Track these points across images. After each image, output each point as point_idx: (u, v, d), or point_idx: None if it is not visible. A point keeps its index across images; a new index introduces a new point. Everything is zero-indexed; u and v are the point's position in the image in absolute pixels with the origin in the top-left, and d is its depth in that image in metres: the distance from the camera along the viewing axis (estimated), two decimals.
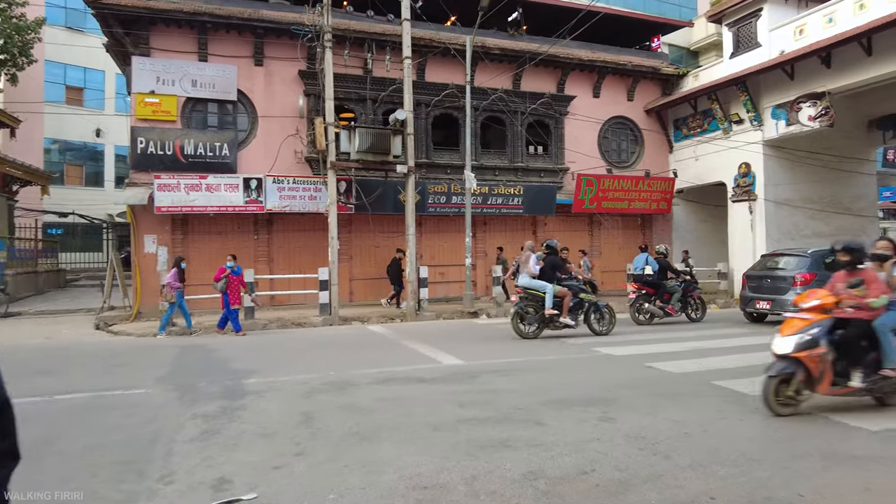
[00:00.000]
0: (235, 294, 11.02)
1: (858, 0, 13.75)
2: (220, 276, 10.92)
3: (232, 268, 11.08)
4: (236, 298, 11.02)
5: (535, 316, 9.86)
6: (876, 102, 16.35)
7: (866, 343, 5.09)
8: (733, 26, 16.88)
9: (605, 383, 6.39)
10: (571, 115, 17.74)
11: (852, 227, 17.59)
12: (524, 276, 10.11)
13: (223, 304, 11.00)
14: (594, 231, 18.41)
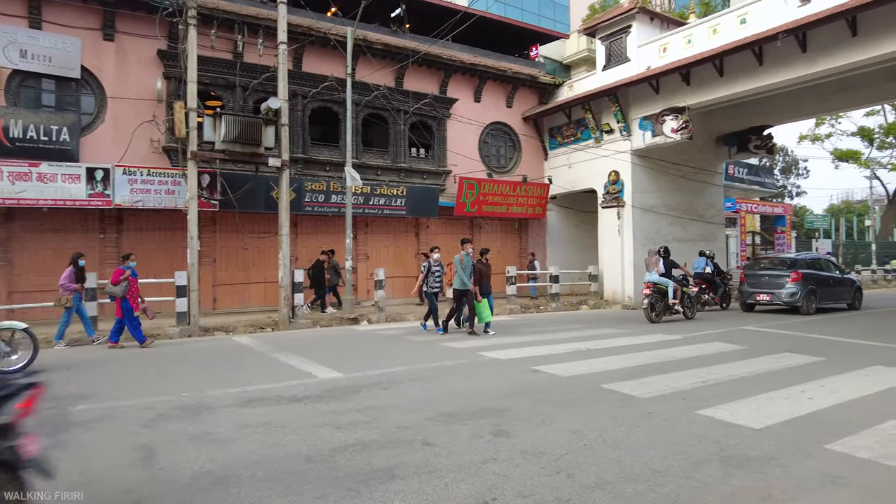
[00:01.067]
0: (136, 300, 9.56)
1: (712, 25, 14.97)
2: (119, 278, 9.39)
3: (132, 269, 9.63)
4: (138, 304, 9.57)
5: (661, 305, 12.69)
6: (724, 120, 17.99)
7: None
8: (606, 40, 17.72)
9: (494, 391, 6.03)
10: (454, 117, 17.60)
11: (704, 232, 19.23)
12: (653, 273, 12.83)
13: (120, 311, 9.43)
14: (475, 234, 18.38)
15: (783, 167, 46.53)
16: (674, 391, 6.00)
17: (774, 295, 14.40)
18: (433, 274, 11.12)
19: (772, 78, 13.94)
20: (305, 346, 9.53)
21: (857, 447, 4.21)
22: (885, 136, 33.17)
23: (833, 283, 15.61)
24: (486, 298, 10.76)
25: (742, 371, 7.01)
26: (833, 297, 15.56)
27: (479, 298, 10.67)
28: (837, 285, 15.77)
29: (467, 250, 10.84)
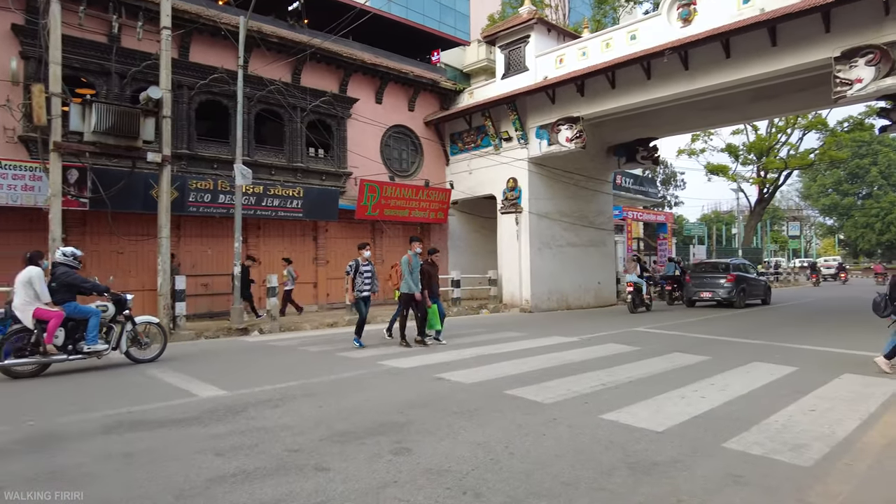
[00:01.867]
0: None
1: (605, 39, 15.65)
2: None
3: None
4: None
5: (638, 299, 16.08)
6: (615, 131, 18.91)
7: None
8: (505, 49, 18.03)
9: (395, 403, 5.67)
10: (355, 118, 17.05)
11: (595, 238, 20.09)
12: (633, 275, 16.22)
13: None
14: (377, 238, 17.94)
15: (663, 178, 50.24)
16: (576, 395, 5.97)
17: (714, 293, 17.76)
18: (361, 275, 9.71)
19: (658, 92, 14.77)
20: (185, 360, 8.62)
21: (750, 444, 4.32)
22: (747, 153, 36.69)
23: (753, 283, 19.07)
24: (435, 304, 9.89)
25: (639, 372, 7.17)
26: (753, 294, 19.02)
27: (429, 303, 9.74)
28: (756, 285, 19.34)
29: (415, 249, 9.78)
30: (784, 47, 12.43)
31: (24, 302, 7.15)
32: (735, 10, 12.95)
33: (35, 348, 7.17)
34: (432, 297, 9.84)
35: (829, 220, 68.69)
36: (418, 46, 20.22)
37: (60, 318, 7.30)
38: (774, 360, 7.94)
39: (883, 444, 4.34)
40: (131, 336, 8.15)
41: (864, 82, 11.44)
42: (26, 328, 7.14)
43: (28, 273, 7.25)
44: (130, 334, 8.14)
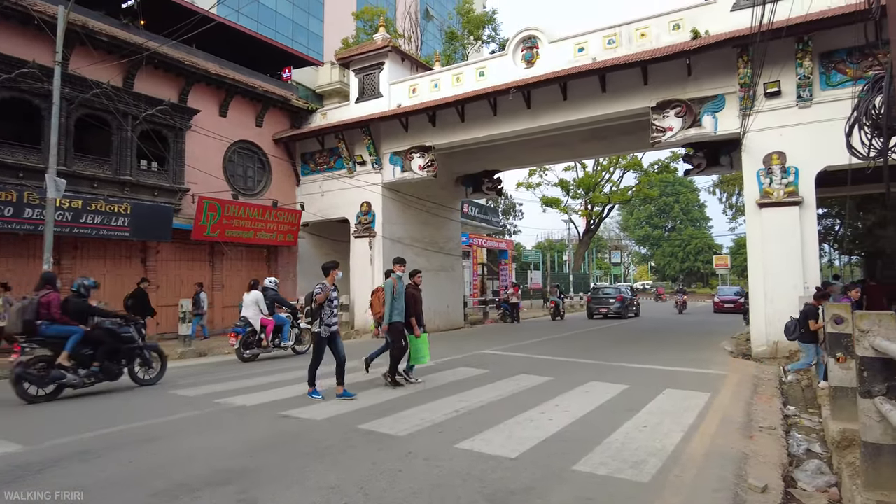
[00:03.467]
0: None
1: (456, 73, 16.31)
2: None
3: None
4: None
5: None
6: (463, 162, 19.66)
7: None
8: (359, 73, 17.97)
9: (239, 447, 5.14)
10: (196, 130, 15.72)
11: (445, 263, 20.59)
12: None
13: None
14: (216, 262, 16.60)
15: (504, 208, 53.57)
16: (430, 424, 5.90)
17: (609, 308, 24.77)
18: (331, 304, 7.48)
19: (503, 128, 15.66)
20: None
21: (596, 464, 4.54)
22: (577, 188, 40.47)
23: (630, 302, 26.02)
24: (424, 334, 8.63)
25: (489, 396, 7.32)
26: (631, 309, 26.13)
27: (418, 333, 8.47)
28: (633, 303, 26.76)
29: (400, 272, 8.37)
30: (612, 94, 13.90)
31: (254, 313, 11.29)
32: (572, 57, 14.24)
33: (258, 343, 11.47)
34: (420, 325, 8.58)
35: (643, 249, 78.10)
36: (269, 62, 19.40)
37: (273, 324, 11.59)
38: (609, 379, 8.60)
39: (703, 455, 4.82)
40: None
41: (674, 130, 13.16)
42: (255, 330, 11.35)
43: (255, 295, 11.53)
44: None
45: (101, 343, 7.86)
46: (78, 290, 8.00)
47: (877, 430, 3.44)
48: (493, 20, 29.72)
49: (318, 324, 7.38)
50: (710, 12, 12.64)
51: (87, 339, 7.70)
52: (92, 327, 7.88)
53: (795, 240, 11.37)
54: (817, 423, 6.23)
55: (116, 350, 8.03)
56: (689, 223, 71.74)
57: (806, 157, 11.48)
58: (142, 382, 8.45)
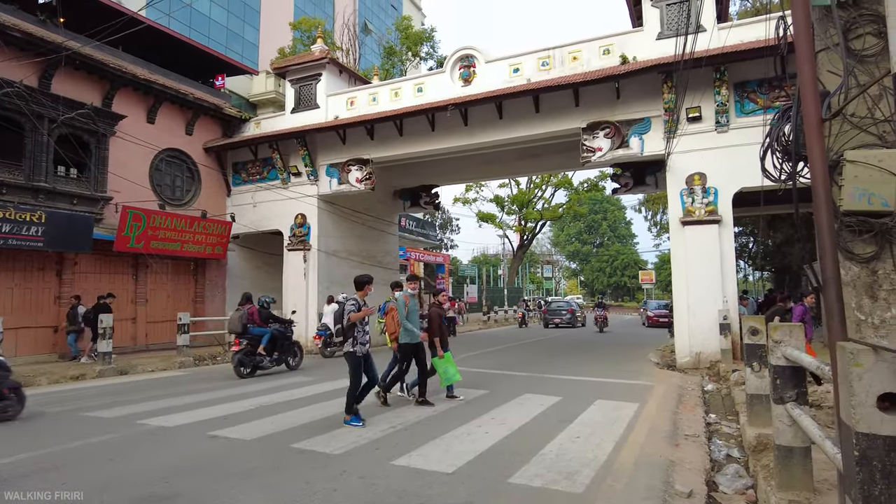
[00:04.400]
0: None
1: (395, 88, 16.37)
2: None
3: None
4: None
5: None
6: (402, 176, 19.68)
7: None
8: (296, 84, 17.69)
9: (160, 471, 4.86)
10: (120, 136, 14.90)
11: (382, 277, 20.40)
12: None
13: None
14: (140, 275, 15.74)
15: (441, 223, 53.95)
16: (367, 441, 5.81)
17: (562, 319, 28.80)
18: (361, 321, 6.82)
19: (441, 143, 15.82)
20: None
21: (531, 476, 4.61)
22: (511, 204, 41.37)
23: (579, 313, 30.21)
24: (447, 353, 8.21)
25: (426, 412, 7.30)
26: (577, 321, 29.54)
27: (441, 353, 8.08)
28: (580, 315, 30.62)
29: (413, 289, 8.21)
30: (545, 115, 14.34)
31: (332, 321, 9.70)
32: (507, 77, 14.62)
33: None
34: (443, 345, 8.20)
35: (573, 264, 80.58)
36: (201, 69, 18.77)
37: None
38: (543, 391, 8.77)
39: (633, 464, 4.99)
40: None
41: (603, 150, 13.72)
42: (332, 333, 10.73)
43: (333, 306, 12.10)
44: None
45: (277, 340, 11.51)
46: (262, 304, 11.43)
47: (788, 433, 3.68)
48: (431, 37, 30.09)
49: (352, 343, 6.72)
50: (637, 40, 13.33)
51: (272, 337, 11.27)
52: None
53: (715, 256, 12.07)
54: (735, 429, 6.59)
55: (284, 344, 11.71)
56: (617, 240, 74.78)
57: (724, 179, 12.25)
58: (290, 367, 11.95)
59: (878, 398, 1.85)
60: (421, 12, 49.42)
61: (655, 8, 13.21)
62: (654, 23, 13.19)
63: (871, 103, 3.05)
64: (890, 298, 3.04)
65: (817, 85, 2.81)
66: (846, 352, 1.92)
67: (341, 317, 6.80)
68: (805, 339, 7.05)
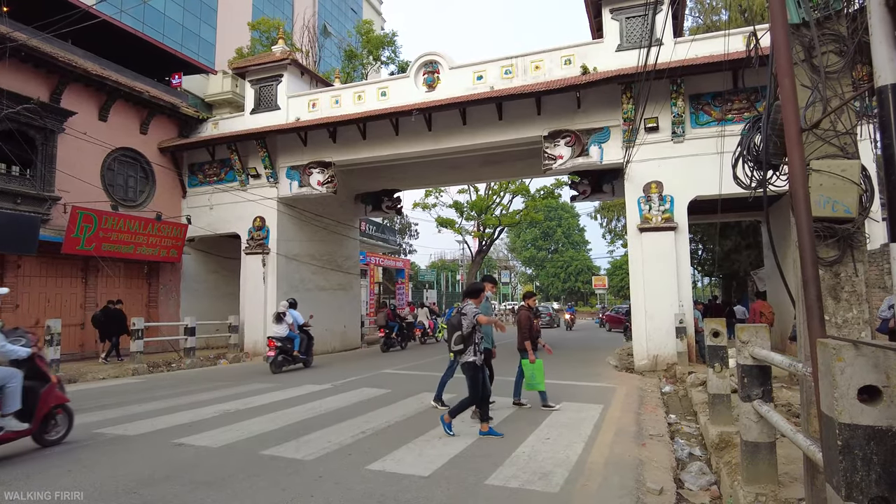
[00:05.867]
0: None
1: (358, 91, 16.28)
2: None
3: None
4: None
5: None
6: (364, 180, 19.57)
7: None
8: (256, 84, 17.36)
9: (124, 481, 4.67)
10: (70, 133, 14.26)
11: (343, 282, 20.23)
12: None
13: None
14: (90, 278, 15.08)
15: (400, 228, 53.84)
16: (338, 447, 5.75)
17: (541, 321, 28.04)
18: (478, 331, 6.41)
19: (405, 148, 15.81)
20: None
21: (507, 478, 4.66)
22: (470, 210, 41.67)
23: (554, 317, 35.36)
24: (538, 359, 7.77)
25: (396, 415, 7.28)
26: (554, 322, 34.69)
27: (532, 357, 7.62)
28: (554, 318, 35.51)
29: (491, 291, 7.62)
30: (508, 122, 14.55)
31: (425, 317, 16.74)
32: (471, 84, 14.77)
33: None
34: (535, 349, 7.79)
35: (529, 270, 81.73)
36: (156, 66, 18.20)
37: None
38: (508, 394, 8.85)
39: (603, 463, 5.12)
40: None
41: (564, 158, 14.02)
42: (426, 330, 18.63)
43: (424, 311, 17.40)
44: None
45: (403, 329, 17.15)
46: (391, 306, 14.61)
47: (755, 430, 3.86)
48: (392, 42, 30.08)
49: (472, 351, 6.29)
50: (598, 51, 13.71)
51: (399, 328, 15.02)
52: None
53: (671, 262, 12.49)
54: (695, 428, 6.84)
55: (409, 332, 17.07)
56: (571, 246, 76.31)
57: (680, 187, 12.71)
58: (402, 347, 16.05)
59: (859, 391, 1.98)
60: (381, 17, 49.36)
61: (615, 21, 13.62)
62: (614, 35, 13.60)
63: (833, 117, 3.26)
64: (851, 300, 3.24)
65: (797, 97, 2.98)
66: (828, 347, 2.05)
67: (459, 324, 6.31)
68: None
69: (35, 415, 5.66)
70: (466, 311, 6.36)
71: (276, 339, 12.75)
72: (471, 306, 6.42)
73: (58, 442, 5.97)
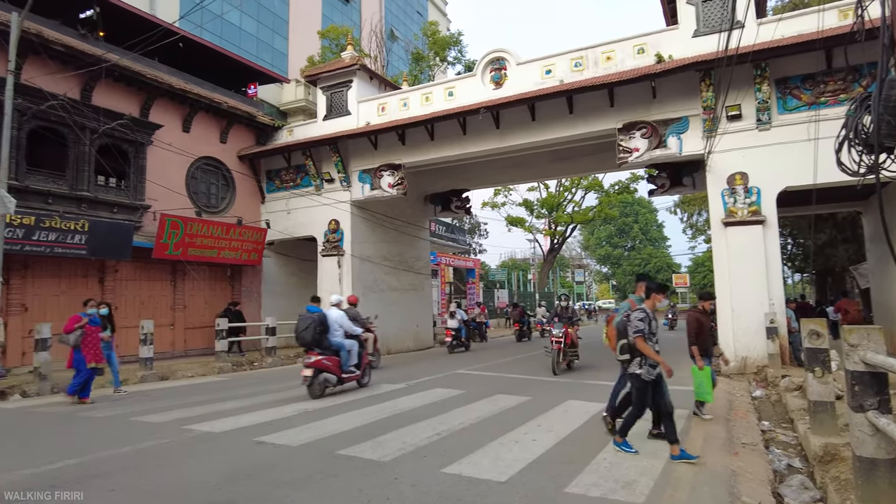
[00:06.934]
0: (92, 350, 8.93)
1: (425, 93, 16.35)
2: (74, 325, 8.83)
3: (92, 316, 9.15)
4: (94, 355, 8.94)
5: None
6: (432, 181, 19.65)
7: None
8: (327, 91, 17.83)
9: (211, 478, 4.83)
10: (157, 145, 15.20)
11: (414, 282, 20.42)
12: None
13: (72, 362, 8.79)
14: (178, 281, 16.00)
15: (470, 228, 53.84)
16: (413, 448, 5.72)
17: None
18: (651, 336, 5.59)
19: (472, 147, 15.73)
20: None
21: (588, 486, 4.46)
22: (541, 208, 41.02)
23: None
24: (707, 366, 6.98)
25: (469, 418, 7.18)
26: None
27: (701, 364, 6.89)
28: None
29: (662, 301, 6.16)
30: (579, 116, 14.15)
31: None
32: (539, 79, 14.47)
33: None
34: (705, 355, 7.05)
35: (605, 268, 79.54)
36: (233, 78, 19.06)
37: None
38: (585, 397, 8.58)
39: (693, 473, 4.80)
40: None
41: (640, 151, 13.46)
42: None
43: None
44: None
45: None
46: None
47: (870, 444, 3.47)
48: (458, 42, 30.10)
49: (639, 363, 5.54)
50: (672, 38, 13.06)
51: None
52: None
53: (760, 257, 11.69)
54: (793, 437, 6.32)
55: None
56: (649, 242, 73.56)
57: (767, 178, 11.88)
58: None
59: None
60: (446, 18, 49.59)
61: (691, 6, 12.93)
62: (690, 20, 12.92)
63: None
64: None
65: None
66: None
67: (625, 331, 5.62)
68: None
69: (360, 366, 9.89)
70: (632, 318, 5.57)
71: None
72: (639, 313, 5.58)
73: (366, 385, 10.12)
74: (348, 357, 9.59)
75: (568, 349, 12.01)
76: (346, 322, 9.82)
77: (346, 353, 9.53)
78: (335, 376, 9.17)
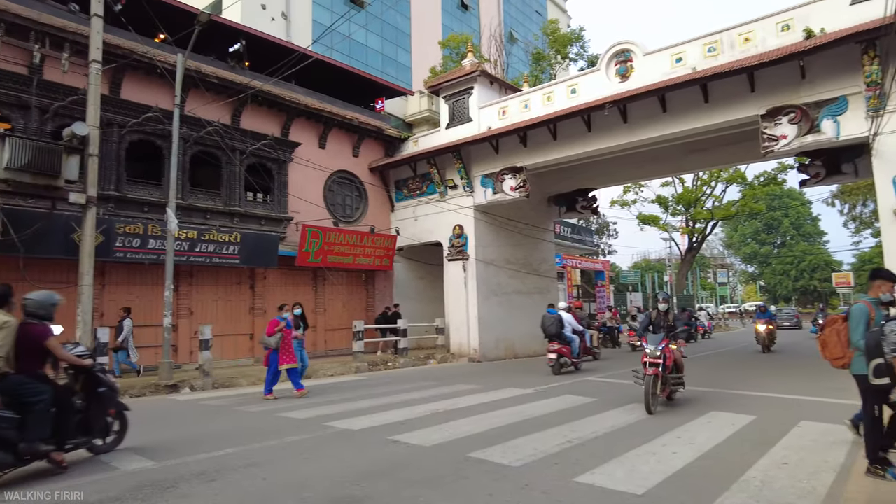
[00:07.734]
0: (287, 353, 9.87)
1: (546, 92, 16.13)
2: (274, 329, 9.75)
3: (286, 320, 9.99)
4: (289, 357, 9.88)
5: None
6: (555, 181, 19.32)
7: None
8: (449, 99, 18.25)
9: (350, 473, 5.10)
10: (297, 162, 16.58)
11: (540, 285, 20.17)
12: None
13: (268, 361, 9.89)
14: (318, 286, 17.26)
15: (597, 228, 52.08)
16: (544, 455, 5.62)
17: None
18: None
19: (598, 144, 15.23)
20: None
21: None
22: (676, 204, 38.56)
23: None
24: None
25: (601, 427, 6.92)
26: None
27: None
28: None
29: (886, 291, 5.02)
30: (715, 104, 13.15)
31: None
32: (668, 69, 13.66)
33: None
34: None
35: (751, 268, 72.92)
36: (362, 94, 20.20)
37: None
38: (732, 409, 7.90)
39: (866, 501, 4.21)
40: None
41: (788, 139, 12.19)
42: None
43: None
44: None
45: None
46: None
47: None
48: (580, 38, 29.37)
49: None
50: (824, 9, 11.70)
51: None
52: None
53: None
54: None
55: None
56: (801, 238, 66.23)
57: None
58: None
59: None
60: (566, 14, 48.60)
61: None
62: None
63: None
64: None
65: None
66: None
67: (878, 346, 4.53)
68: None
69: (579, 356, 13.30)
70: (888, 332, 4.42)
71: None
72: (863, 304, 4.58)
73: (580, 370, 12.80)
74: (575, 347, 13.21)
75: (669, 376, 8.15)
76: (574, 321, 13.69)
77: (574, 345, 13.13)
78: (568, 360, 12.94)
